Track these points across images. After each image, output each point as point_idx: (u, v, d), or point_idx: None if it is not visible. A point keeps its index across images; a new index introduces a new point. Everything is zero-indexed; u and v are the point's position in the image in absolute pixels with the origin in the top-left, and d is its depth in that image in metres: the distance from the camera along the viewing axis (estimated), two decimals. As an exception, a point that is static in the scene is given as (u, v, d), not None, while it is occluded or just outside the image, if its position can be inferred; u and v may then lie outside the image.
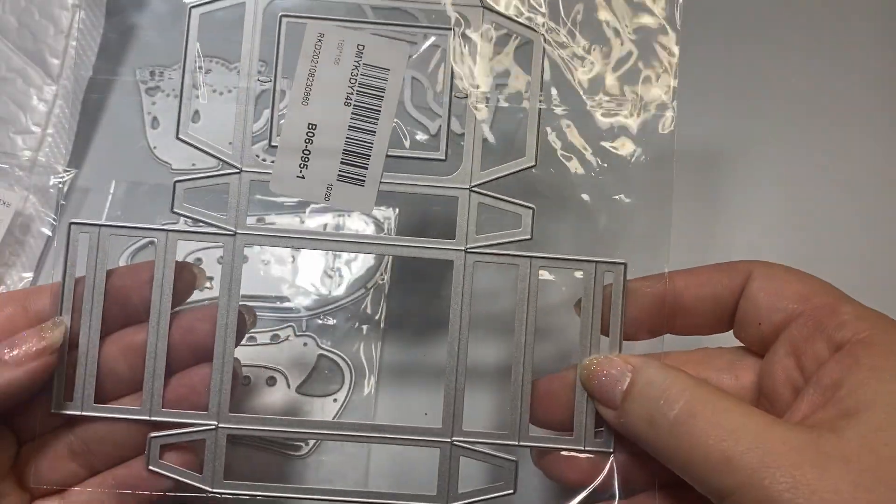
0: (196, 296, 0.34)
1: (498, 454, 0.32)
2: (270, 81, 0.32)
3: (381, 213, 0.40)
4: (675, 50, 0.32)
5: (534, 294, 0.32)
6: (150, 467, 0.31)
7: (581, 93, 0.33)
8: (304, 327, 0.40)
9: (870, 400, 0.26)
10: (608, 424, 0.31)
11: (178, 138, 0.32)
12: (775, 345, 0.31)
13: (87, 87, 0.41)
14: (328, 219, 0.40)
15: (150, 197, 0.38)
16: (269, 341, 0.40)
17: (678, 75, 0.32)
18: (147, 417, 0.32)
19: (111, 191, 0.41)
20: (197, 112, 0.34)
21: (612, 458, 0.31)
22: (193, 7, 0.32)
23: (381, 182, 0.32)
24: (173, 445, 0.32)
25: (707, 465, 0.26)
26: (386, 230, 0.40)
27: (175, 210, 0.32)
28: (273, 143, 0.32)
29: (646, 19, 0.33)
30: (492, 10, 0.33)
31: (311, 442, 0.38)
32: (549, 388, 0.32)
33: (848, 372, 0.27)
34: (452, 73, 0.32)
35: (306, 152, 0.32)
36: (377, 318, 0.40)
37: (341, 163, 0.32)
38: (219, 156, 0.32)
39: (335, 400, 0.39)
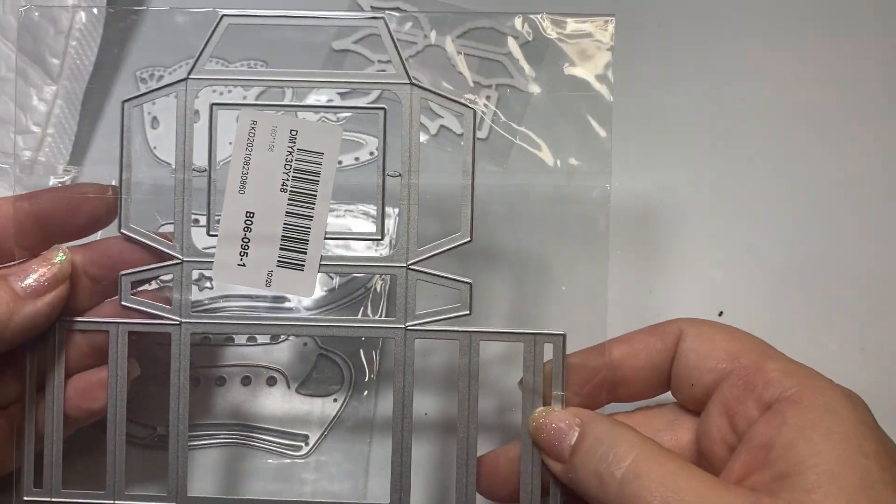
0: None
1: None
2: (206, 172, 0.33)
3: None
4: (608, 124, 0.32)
5: (475, 368, 0.33)
6: None
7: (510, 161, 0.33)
8: (304, 327, 0.40)
9: (799, 462, 0.27)
10: (556, 480, 0.32)
11: (120, 232, 0.33)
12: (708, 405, 0.32)
13: (87, 87, 0.41)
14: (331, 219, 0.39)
15: (150, 197, 0.37)
16: (269, 341, 0.40)
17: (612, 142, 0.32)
18: (111, 502, 0.33)
19: (111, 191, 0.41)
20: (197, 112, 0.34)
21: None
22: (126, 101, 0.33)
23: (320, 265, 0.33)
24: None
25: None
26: (387, 229, 0.39)
27: (123, 303, 0.33)
28: (212, 233, 0.33)
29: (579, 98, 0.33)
30: (420, 86, 0.33)
31: (311, 442, 0.39)
32: (494, 464, 0.33)
33: (777, 432, 0.28)
34: (384, 151, 0.33)
35: (245, 240, 0.33)
36: (377, 318, 0.39)
37: (280, 249, 0.33)
38: (160, 247, 0.33)
39: (335, 400, 0.39)
